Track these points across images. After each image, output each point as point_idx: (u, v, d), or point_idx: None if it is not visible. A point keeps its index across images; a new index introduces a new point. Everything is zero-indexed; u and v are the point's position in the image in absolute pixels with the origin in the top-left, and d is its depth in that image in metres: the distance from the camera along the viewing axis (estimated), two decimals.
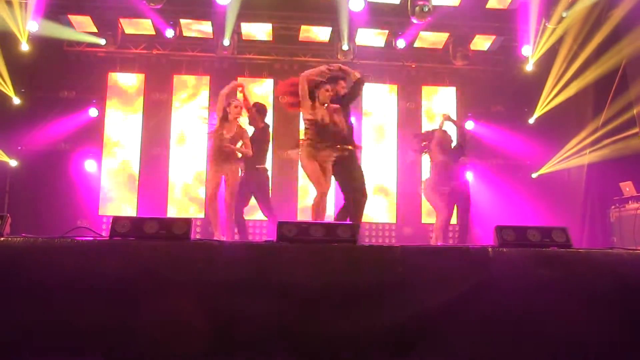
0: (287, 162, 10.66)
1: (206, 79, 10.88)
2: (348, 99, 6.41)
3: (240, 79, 10.85)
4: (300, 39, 10.64)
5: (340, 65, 6.57)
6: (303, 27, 10.37)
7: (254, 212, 10.50)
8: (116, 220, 3.44)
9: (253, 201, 7.36)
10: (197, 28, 10.40)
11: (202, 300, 3.15)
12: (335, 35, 10.41)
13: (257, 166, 7.17)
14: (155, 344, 3.09)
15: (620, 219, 8.01)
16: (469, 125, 11.02)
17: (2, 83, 9.49)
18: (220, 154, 6.43)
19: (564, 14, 9.17)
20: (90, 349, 3.06)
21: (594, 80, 9.03)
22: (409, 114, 11.23)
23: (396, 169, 11.00)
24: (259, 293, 3.17)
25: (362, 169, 6.47)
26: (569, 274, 3.42)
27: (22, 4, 9.22)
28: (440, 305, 3.25)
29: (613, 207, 8.18)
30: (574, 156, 9.42)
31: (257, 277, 3.20)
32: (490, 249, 3.48)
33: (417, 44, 10.69)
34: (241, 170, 6.78)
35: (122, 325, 3.08)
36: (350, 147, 6.10)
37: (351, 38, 10.32)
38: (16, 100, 9.86)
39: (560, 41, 9.64)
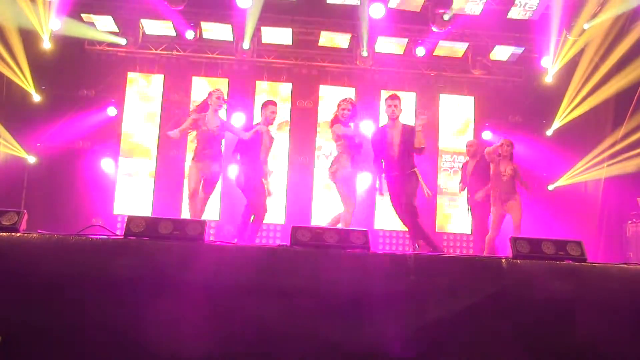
0: (302, 167, 10.70)
1: (225, 82, 10.92)
2: None
3: (258, 82, 10.96)
4: (319, 44, 10.67)
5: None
6: (323, 33, 10.40)
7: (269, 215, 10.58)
8: (131, 219, 3.45)
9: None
10: (217, 30, 10.45)
11: (213, 301, 3.15)
12: (355, 42, 10.43)
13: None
14: (166, 344, 3.09)
15: (637, 234, 7.93)
16: (487, 135, 10.98)
17: (23, 80, 9.59)
18: None
19: (586, 26, 9.13)
20: (101, 346, 3.08)
21: (614, 93, 8.95)
22: (427, 122, 11.19)
23: None
24: (271, 297, 3.17)
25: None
26: (583, 287, 3.39)
27: (45, 3, 9.32)
28: (452, 314, 3.23)
29: (630, 222, 8.10)
30: (591, 169, 9.34)
31: (269, 281, 3.20)
32: (504, 260, 3.46)
33: (436, 53, 10.67)
34: None
35: (133, 324, 3.09)
36: None
37: (370, 45, 10.34)
38: (36, 97, 9.95)
39: (581, 53, 9.57)
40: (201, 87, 10.75)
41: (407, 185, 6.55)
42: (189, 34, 10.17)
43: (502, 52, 10.68)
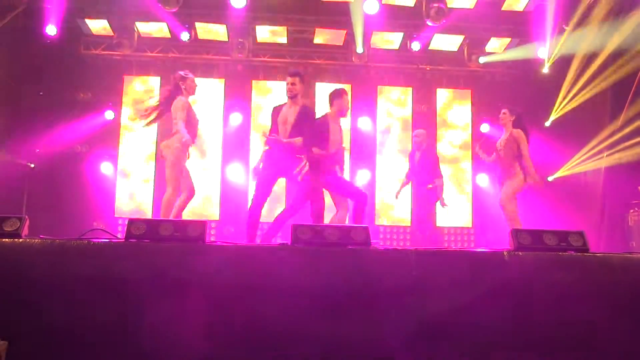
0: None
1: (221, 82, 10.91)
2: None
3: (254, 82, 10.95)
4: (314, 42, 10.66)
5: None
6: (317, 30, 10.39)
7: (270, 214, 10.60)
8: (132, 222, 3.45)
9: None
10: (212, 31, 10.44)
11: (215, 302, 3.15)
12: (350, 38, 10.42)
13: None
14: (168, 345, 3.10)
15: (638, 223, 7.92)
16: (484, 128, 10.97)
17: (20, 85, 9.58)
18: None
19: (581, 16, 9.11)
20: (104, 349, 3.08)
21: (612, 83, 8.94)
22: (423, 117, 11.20)
23: None
24: (272, 296, 3.17)
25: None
26: (586, 278, 3.39)
27: (41, 8, 9.32)
28: (455, 308, 3.23)
29: (631, 210, 8.08)
30: (591, 159, 9.32)
31: (270, 280, 3.20)
32: (506, 253, 3.45)
33: (432, 47, 10.67)
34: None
35: (135, 326, 3.10)
36: None
37: (366, 41, 10.34)
38: (34, 103, 9.95)
39: (577, 43, 9.56)
40: (198, 88, 10.74)
41: (290, 166, 6.00)
42: (184, 36, 10.17)
43: (498, 44, 10.67)
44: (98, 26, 10.13)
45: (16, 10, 9.06)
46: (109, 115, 10.55)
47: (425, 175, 8.27)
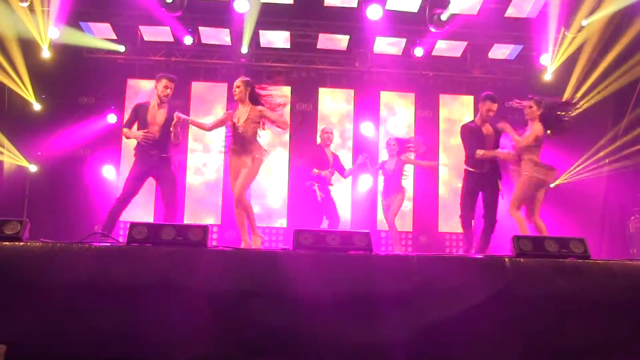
0: (304, 168, 10.69)
1: (224, 86, 10.92)
2: None
3: (257, 87, 10.95)
4: (318, 47, 10.67)
5: None
6: (321, 35, 10.40)
7: (271, 219, 10.60)
8: (133, 226, 3.46)
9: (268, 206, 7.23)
10: (216, 35, 10.46)
11: (217, 307, 3.15)
12: (353, 43, 10.43)
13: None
14: (169, 350, 3.10)
15: (639, 230, 7.92)
16: None
17: (24, 89, 9.60)
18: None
19: (584, 23, 9.11)
20: (105, 353, 3.08)
21: (614, 90, 8.94)
22: (426, 123, 11.19)
23: (413, 177, 10.95)
24: (274, 301, 3.17)
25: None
26: (587, 285, 3.39)
27: (44, 12, 9.33)
28: (456, 314, 3.23)
29: (632, 217, 8.08)
30: (592, 166, 9.33)
31: (272, 285, 3.20)
32: (507, 259, 3.45)
33: (435, 53, 10.67)
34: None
35: (136, 330, 3.10)
36: None
37: (369, 46, 10.34)
38: (36, 106, 9.97)
39: (579, 50, 9.57)
40: (200, 92, 10.80)
41: (158, 168, 6.55)
42: (187, 40, 10.18)
43: (500, 51, 10.68)
44: (101, 29, 10.15)
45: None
46: (111, 118, 10.54)
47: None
